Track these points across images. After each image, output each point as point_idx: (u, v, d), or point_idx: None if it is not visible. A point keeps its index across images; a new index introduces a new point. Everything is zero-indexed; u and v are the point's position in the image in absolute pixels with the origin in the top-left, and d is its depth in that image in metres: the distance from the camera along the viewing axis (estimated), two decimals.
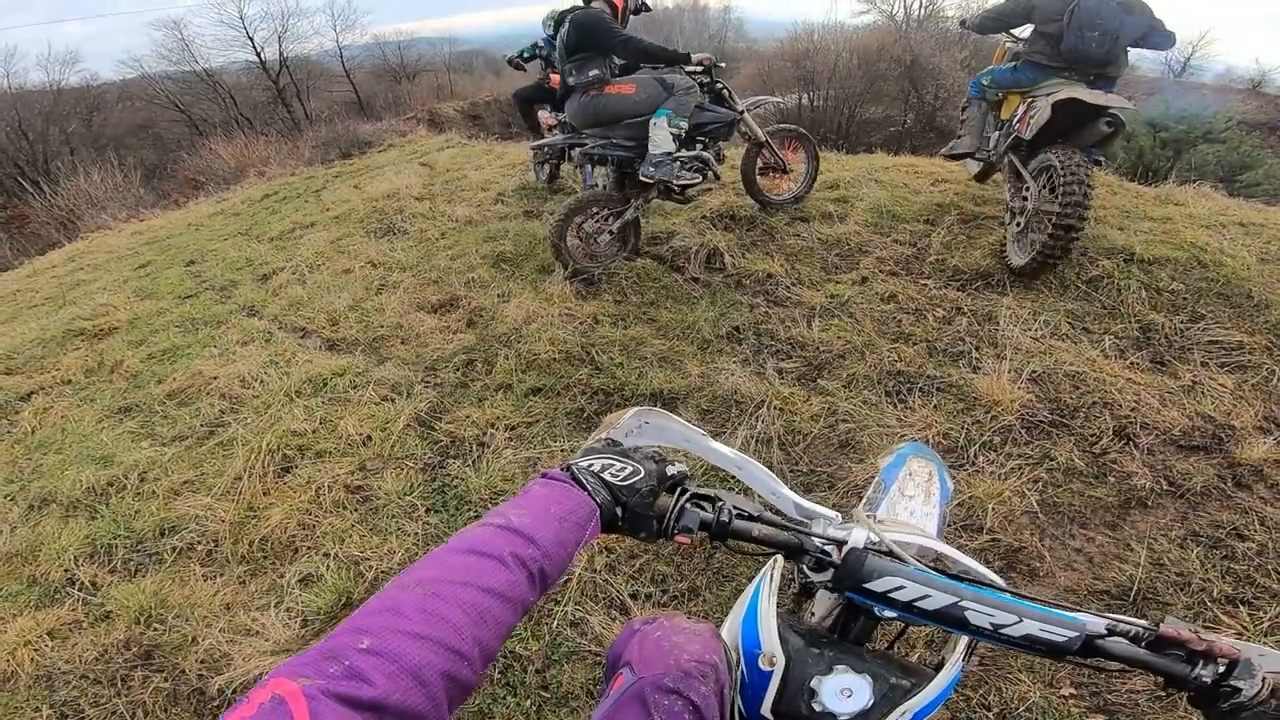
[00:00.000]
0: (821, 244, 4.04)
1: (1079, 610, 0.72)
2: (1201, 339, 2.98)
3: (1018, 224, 3.62)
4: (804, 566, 0.82)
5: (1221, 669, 0.66)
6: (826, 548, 0.80)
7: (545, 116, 5.58)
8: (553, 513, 0.70)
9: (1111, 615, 0.72)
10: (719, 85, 3.92)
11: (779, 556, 0.89)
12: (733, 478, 0.97)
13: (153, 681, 2.00)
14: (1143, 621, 0.70)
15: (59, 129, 22.25)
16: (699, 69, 3.79)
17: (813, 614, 1.01)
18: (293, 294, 4.31)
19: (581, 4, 3.82)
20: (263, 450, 2.77)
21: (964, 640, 0.84)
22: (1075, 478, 2.34)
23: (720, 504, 0.81)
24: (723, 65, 3.93)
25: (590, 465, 0.78)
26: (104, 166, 13.58)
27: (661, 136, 3.63)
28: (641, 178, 3.68)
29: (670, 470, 0.82)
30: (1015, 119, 3.72)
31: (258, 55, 25.29)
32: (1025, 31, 3.79)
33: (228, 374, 3.45)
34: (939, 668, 0.84)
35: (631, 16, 4.12)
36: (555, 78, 5.36)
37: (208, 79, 24.91)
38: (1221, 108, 12.30)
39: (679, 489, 0.82)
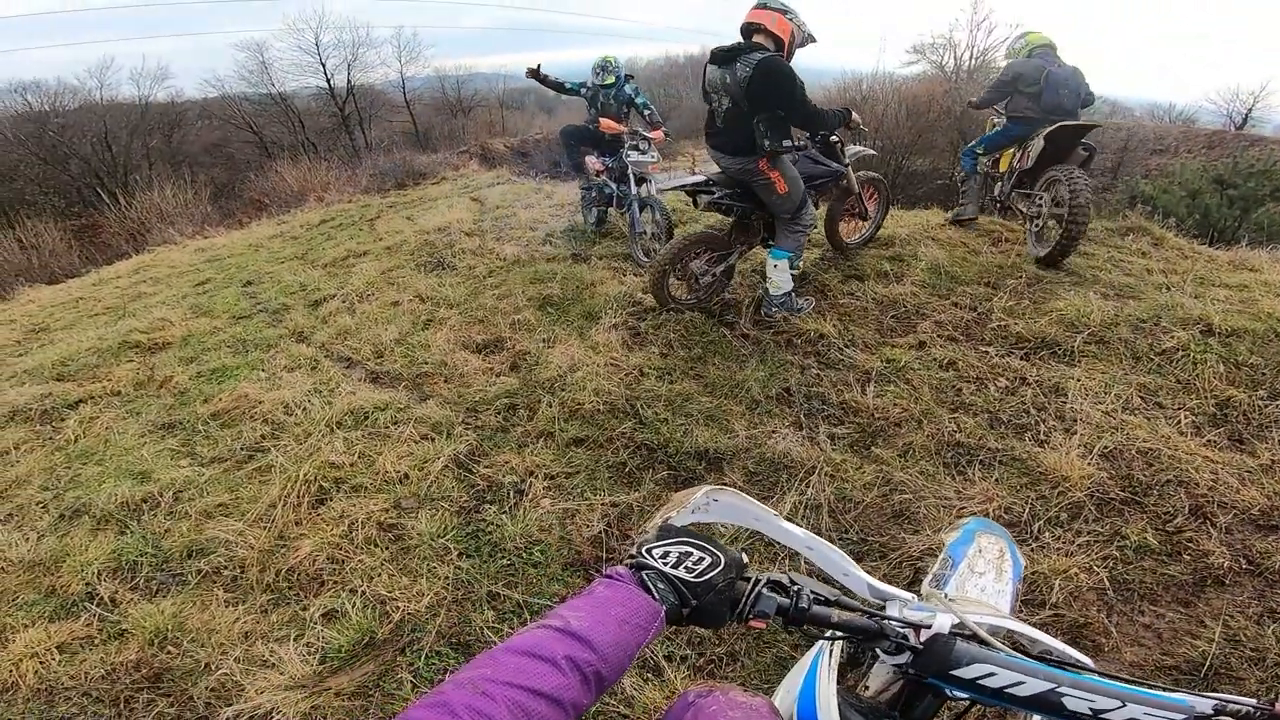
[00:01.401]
0: (876, 304, 3.93)
1: (1180, 691, 0.68)
2: None
3: (1035, 227, 4.54)
4: (879, 649, 0.79)
5: None
6: (905, 631, 0.77)
7: (593, 161, 5.65)
8: (613, 615, 0.68)
9: (1216, 695, 0.67)
10: (833, 139, 3.95)
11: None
12: (802, 557, 0.93)
13: (157, 705, 1.95)
14: (1251, 700, 0.66)
15: (141, 143, 23.25)
16: (831, 135, 3.89)
17: (866, 687, 0.94)
18: (342, 323, 4.37)
19: (747, 42, 3.51)
20: (299, 480, 2.76)
21: None
22: (1147, 555, 2.25)
23: (797, 588, 0.78)
24: (863, 127, 3.97)
25: (664, 556, 0.76)
26: (177, 182, 14.28)
27: (782, 278, 3.78)
28: (765, 315, 3.83)
29: (746, 559, 0.79)
30: (1015, 161, 4.83)
31: (328, 82, 26.43)
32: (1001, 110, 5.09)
33: (272, 399, 3.49)
34: None
35: (797, 51, 3.73)
36: (605, 122, 5.46)
37: (281, 102, 26.05)
38: None
39: (753, 575, 0.79)
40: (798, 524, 0.92)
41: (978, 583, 1.19)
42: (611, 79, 5.75)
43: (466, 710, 0.55)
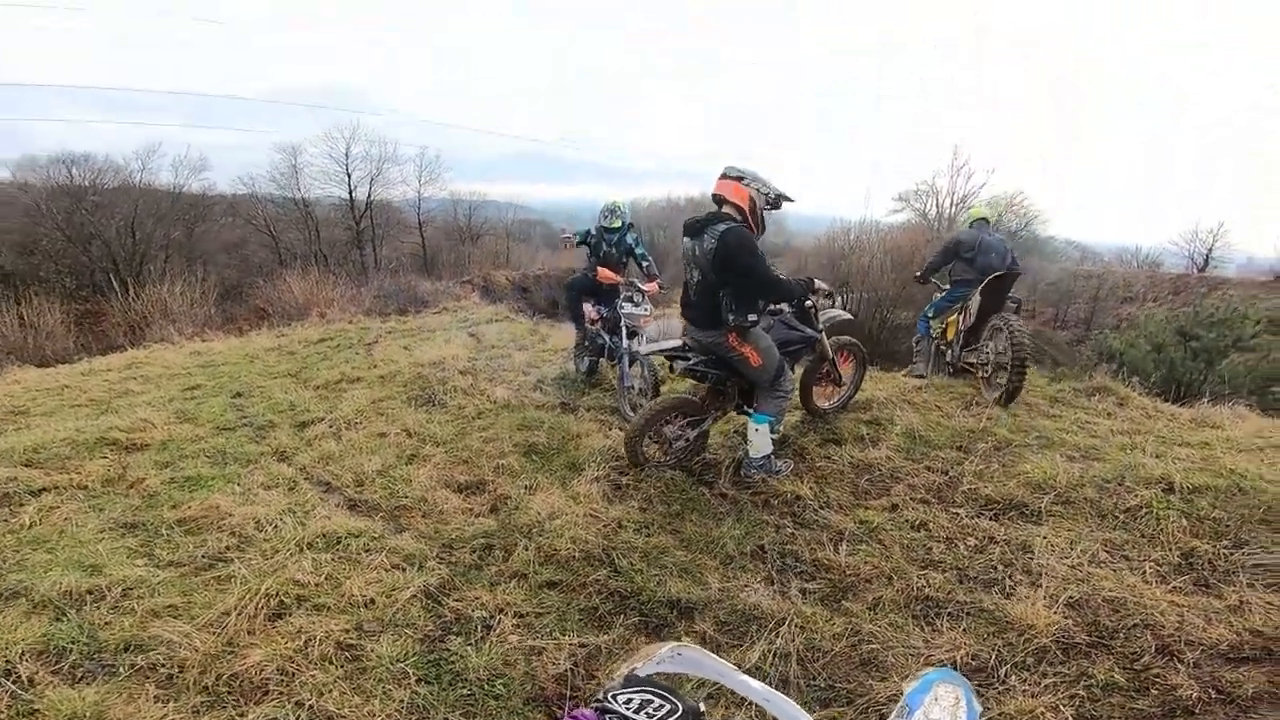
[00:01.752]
0: (852, 468, 4.03)
1: None
2: (1246, 563, 2.90)
3: (985, 373, 5.30)
4: None
5: None
6: None
7: (589, 310, 5.79)
8: None
9: None
10: (809, 305, 4.08)
11: None
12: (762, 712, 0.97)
13: None
14: None
15: (164, 232, 23.59)
16: (805, 301, 3.98)
17: None
18: (326, 448, 4.40)
19: (715, 213, 3.63)
20: (259, 592, 2.67)
21: None
22: (1115, 692, 2.27)
23: None
24: (832, 291, 4.10)
25: (627, 702, 0.80)
26: (189, 279, 14.51)
27: (762, 442, 3.84)
28: (744, 476, 3.88)
29: (702, 707, 0.83)
30: (960, 325, 5.72)
31: (350, 193, 27.47)
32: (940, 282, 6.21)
33: (244, 513, 3.43)
34: None
35: (767, 213, 3.79)
36: (603, 272, 5.59)
37: (302, 207, 26.97)
38: (1248, 308, 12.16)
39: None
40: (757, 678, 0.98)
41: None
42: (618, 223, 5.92)
43: None
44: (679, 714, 0.80)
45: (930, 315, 6.21)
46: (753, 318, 3.68)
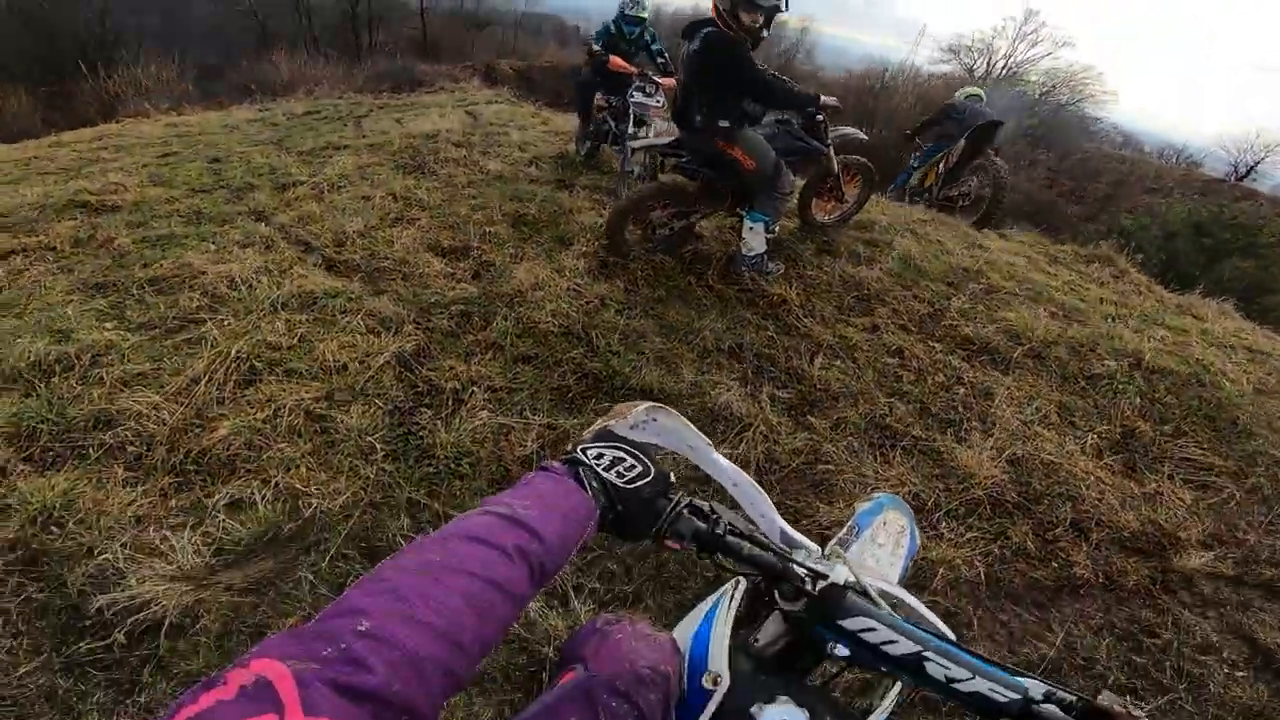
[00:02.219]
0: (842, 282, 3.96)
1: (1023, 674, 0.74)
2: (1177, 454, 3.01)
3: (964, 203, 6.30)
4: (776, 592, 0.83)
5: None
6: (806, 578, 0.81)
7: (599, 98, 5.52)
8: (556, 508, 0.68)
9: (1050, 682, 0.73)
10: (820, 119, 3.87)
11: (741, 578, 0.93)
12: (724, 491, 0.96)
13: (26, 590, 1.81)
14: (1078, 693, 0.71)
15: (137, 20, 21.78)
16: (817, 114, 3.77)
17: (756, 639, 0.98)
18: (306, 208, 4.22)
19: (721, 21, 3.43)
20: (230, 356, 2.64)
21: (895, 690, 0.89)
22: (1023, 558, 2.40)
23: (715, 517, 0.82)
24: (840, 108, 3.86)
25: (599, 457, 0.77)
26: (163, 62, 13.45)
27: (756, 241, 3.78)
28: (734, 272, 3.82)
29: (673, 478, 0.82)
30: (941, 167, 6.52)
31: None
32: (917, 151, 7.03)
33: (217, 271, 3.33)
34: (865, 713, 0.87)
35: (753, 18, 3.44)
36: (615, 60, 5.33)
37: None
38: (1270, 221, 12.27)
39: (676, 494, 0.82)
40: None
41: (875, 552, 1.29)
42: (644, 13, 5.57)
43: (420, 598, 0.49)
44: (650, 478, 0.78)
45: (915, 167, 6.92)
46: (724, 123, 3.51)
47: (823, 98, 3.70)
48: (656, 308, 3.49)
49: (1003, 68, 28.29)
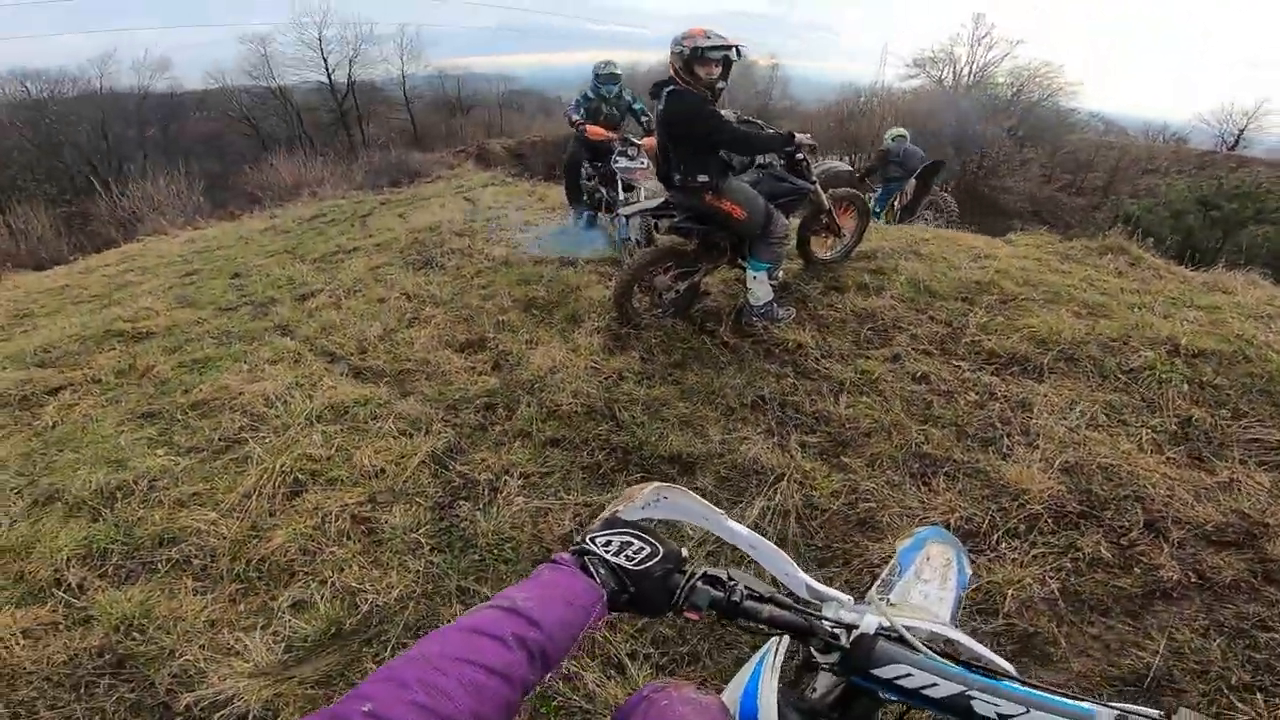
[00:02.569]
0: (855, 317, 3.97)
1: (1088, 700, 0.70)
2: (1242, 436, 2.86)
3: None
4: (812, 648, 0.82)
5: None
6: (836, 631, 0.80)
7: (585, 168, 5.68)
8: (558, 596, 0.71)
9: (1120, 705, 0.68)
10: (799, 157, 3.94)
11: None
12: (746, 557, 0.97)
13: (118, 691, 1.97)
14: (1154, 711, 0.67)
15: (138, 132, 23.28)
16: (796, 153, 3.84)
17: (814, 689, 0.98)
18: (327, 317, 4.39)
19: (679, 80, 3.54)
20: (275, 471, 2.79)
21: None
22: (1100, 568, 2.29)
23: (732, 584, 0.82)
24: (815, 144, 3.95)
25: (607, 544, 0.80)
26: (171, 173, 14.16)
27: (762, 290, 3.81)
28: (745, 324, 3.86)
29: (685, 552, 0.84)
30: (896, 205, 7.94)
31: (328, 76, 26.41)
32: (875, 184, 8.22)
33: (253, 391, 3.50)
34: None
35: (708, 71, 3.50)
36: (593, 129, 5.44)
37: (280, 96, 26.04)
38: (1274, 184, 12.22)
39: (690, 567, 0.83)
40: (744, 524, 0.97)
41: (922, 589, 1.23)
42: (616, 70, 5.75)
43: (419, 685, 0.57)
44: (659, 556, 0.80)
45: (877, 210, 7.82)
46: (704, 178, 3.58)
47: (797, 136, 3.76)
48: (675, 372, 3.53)
49: (969, 74, 28.85)
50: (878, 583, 1.28)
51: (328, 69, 26.41)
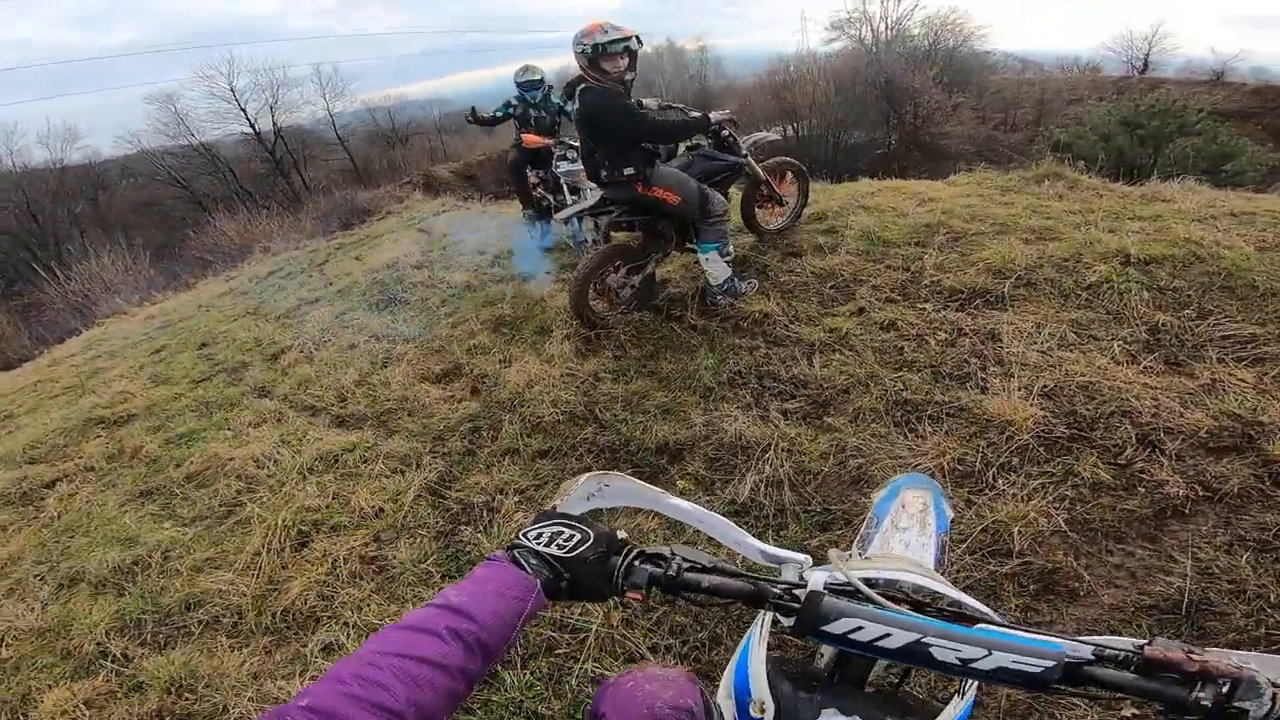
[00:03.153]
0: (815, 278, 4.05)
1: (1062, 636, 0.68)
2: (1213, 335, 2.90)
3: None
4: (777, 615, 0.80)
5: (1224, 689, 0.59)
6: (791, 592, 0.77)
7: (530, 176, 5.73)
8: (490, 590, 0.75)
9: (1096, 639, 0.67)
10: (725, 134, 4.00)
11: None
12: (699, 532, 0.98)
13: None
14: (1130, 642, 0.66)
15: (66, 209, 22.50)
16: (721, 130, 3.91)
17: (821, 655, 1.00)
18: (301, 372, 4.40)
19: (589, 78, 3.59)
20: (279, 527, 2.84)
21: (971, 683, 0.84)
22: (1103, 492, 2.26)
23: (671, 558, 0.82)
24: (735, 119, 4.02)
25: (538, 537, 0.82)
26: (113, 248, 13.80)
27: (717, 268, 3.86)
28: (710, 305, 3.91)
29: (621, 534, 0.84)
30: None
31: (252, 126, 25.82)
32: None
33: (242, 455, 3.52)
34: (949, 702, 0.83)
35: (613, 63, 3.58)
36: (528, 138, 5.52)
37: (205, 152, 25.31)
38: (1188, 100, 12.66)
39: (628, 548, 0.83)
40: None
41: (901, 538, 1.22)
42: (538, 76, 5.79)
43: (355, 679, 0.61)
44: (590, 541, 0.80)
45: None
46: (629, 171, 3.64)
47: (713, 114, 3.82)
48: (649, 364, 3.59)
49: (886, 29, 29.46)
50: (857, 538, 1.29)
51: (249, 119, 25.85)
